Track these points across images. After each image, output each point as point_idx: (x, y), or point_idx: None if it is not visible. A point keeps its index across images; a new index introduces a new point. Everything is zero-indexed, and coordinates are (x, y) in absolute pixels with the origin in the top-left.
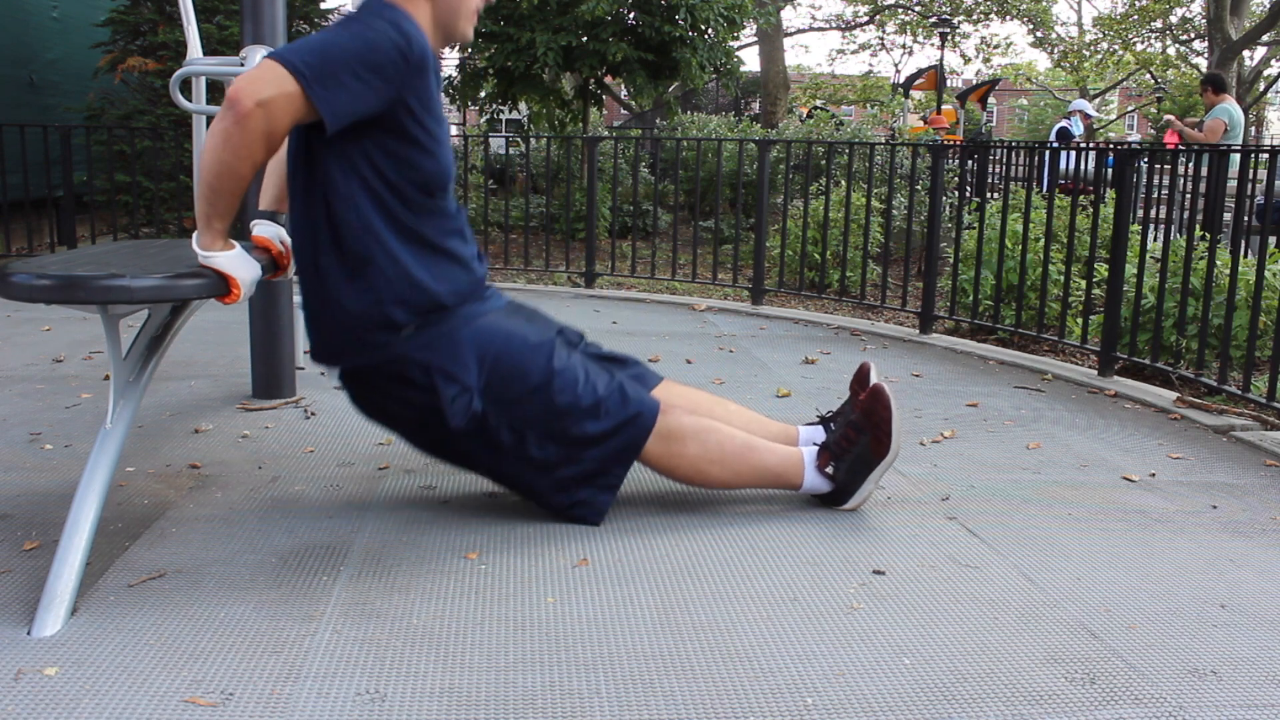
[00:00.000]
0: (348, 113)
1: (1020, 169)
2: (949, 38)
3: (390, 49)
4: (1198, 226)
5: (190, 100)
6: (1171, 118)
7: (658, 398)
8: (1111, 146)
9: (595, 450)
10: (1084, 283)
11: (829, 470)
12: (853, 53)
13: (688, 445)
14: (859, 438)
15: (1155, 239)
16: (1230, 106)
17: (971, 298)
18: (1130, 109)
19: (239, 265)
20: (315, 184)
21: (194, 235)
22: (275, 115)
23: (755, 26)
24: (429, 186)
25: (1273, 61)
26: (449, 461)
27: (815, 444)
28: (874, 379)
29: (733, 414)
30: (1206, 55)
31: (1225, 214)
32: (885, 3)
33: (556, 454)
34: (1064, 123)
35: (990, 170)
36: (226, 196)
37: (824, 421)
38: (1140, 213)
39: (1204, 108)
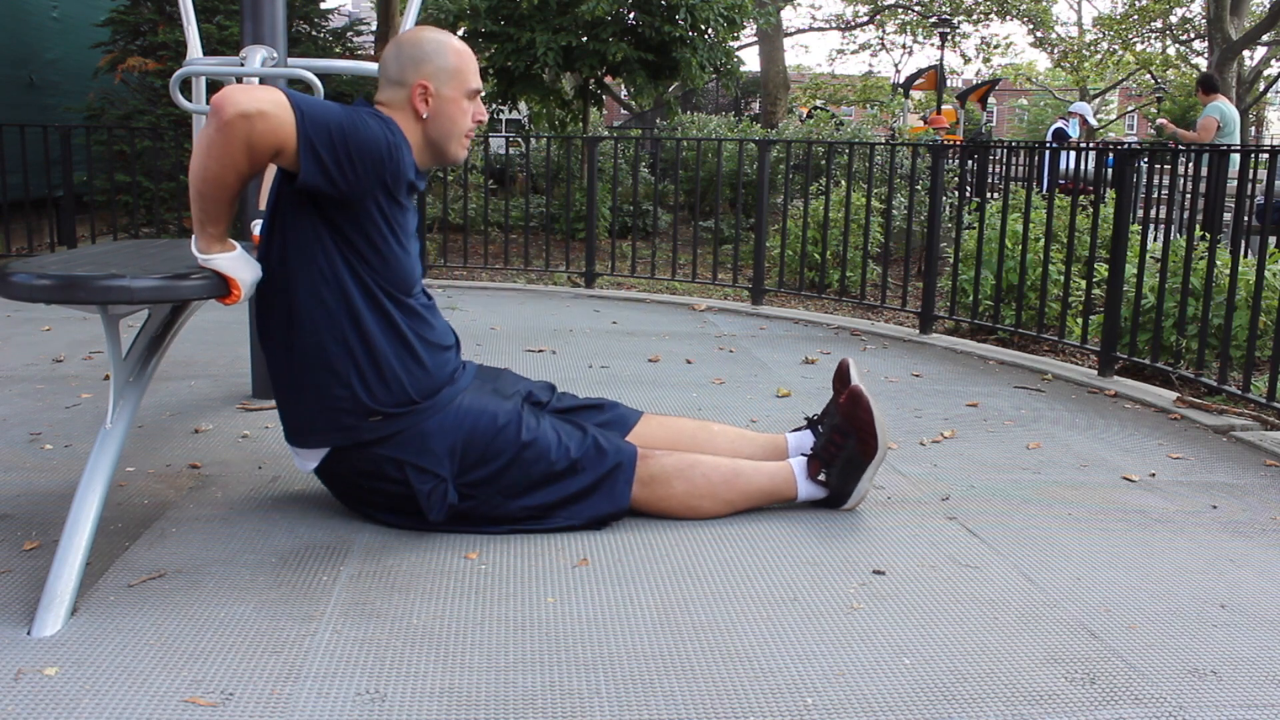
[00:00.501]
0: (320, 172)
1: (1020, 169)
2: (949, 38)
3: (381, 141)
4: (1198, 226)
5: (190, 100)
6: (1164, 121)
7: (636, 440)
8: (1111, 147)
9: (580, 506)
10: (1084, 283)
11: (821, 478)
12: (853, 53)
13: (673, 485)
14: (845, 441)
15: (1155, 239)
16: (1222, 105)
17: (971, 298)
18: (1130, 109)
19: (239, 266)
20: (292, 264)
21: (192, 238)
22: (259, 132)
23: (755, 26)
24: (397, 287)
25: (1273, 61)
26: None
27: (804, 454)
28: (854, 378)
29: (716, 436)
30: (1206, 55)
31: (1225, 214)
32: (885, 3)
33: (548, 512)
34: (1061, 123)
35: (990, 170)
36: (215, 203)
37: (811, 425)
38: (1140, 213)
39: (1201, 108)
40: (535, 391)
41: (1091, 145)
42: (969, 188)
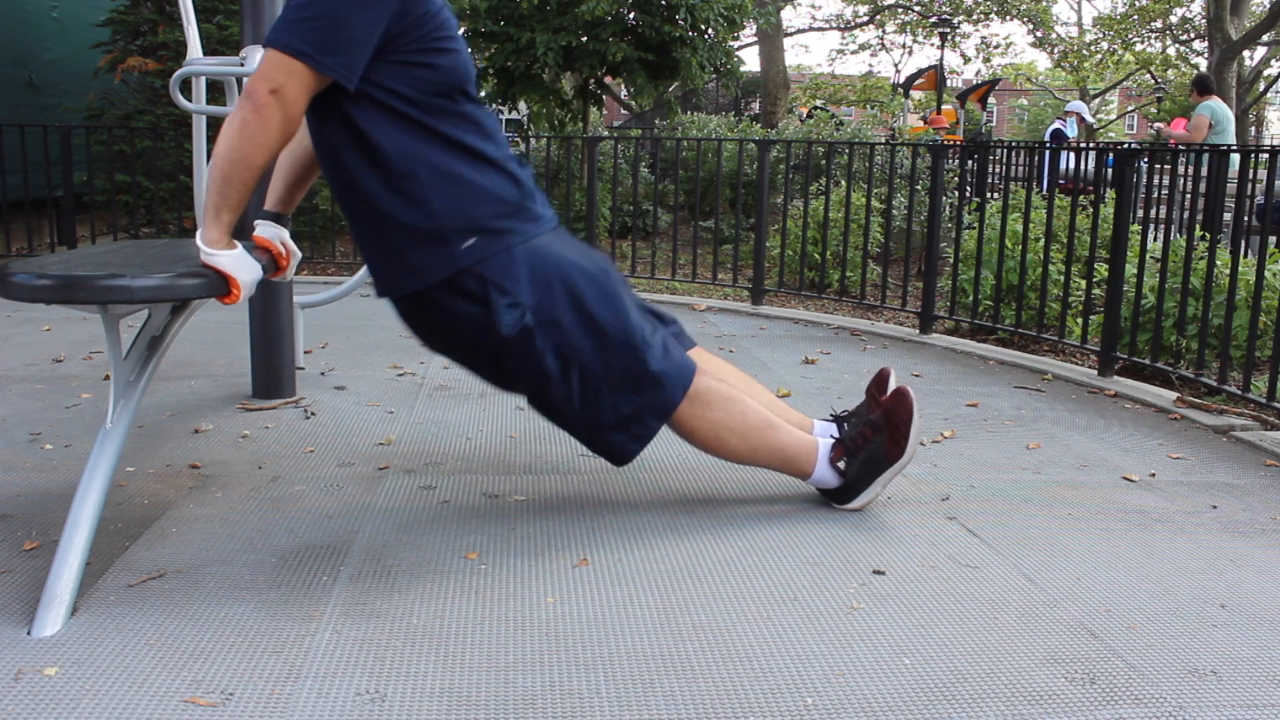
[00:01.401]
0: (360, 64)
1: (1020, 169)
2: (949, 38)
3: None
4: (1198, 226)
5: (190, 100)
6: (1160, 126)
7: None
8: (1111, 146)
9: (635, 397)
10: (1084, 283)
11: (840, 465)
12: (853, 53)
13: (713, 409)
14: (875, 437)
15: (1155, 239)
16: (1213, 104)
17: (971, 298)
18: (1130, 109)
19: (240, 266)
20: (344, 124)
21: (198, 231)
22: (290, 101)
23: (755, 26)
24: (449, 90)
25: (1273, 61)
26: (492, 382)
27: (834, 435)
28: (894, 383)
29: (758, 393)
30: (1206, 55)
31: (1225, 214)
32: (885, 3)
33: (597, 393)
34: (1059, 124)
35: (990, 170)
36: (239, 187)
37: (838, 420)
38: (1140, 213)
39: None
40: (614, 271)
41: (1092, 145)
42: (969, 188)
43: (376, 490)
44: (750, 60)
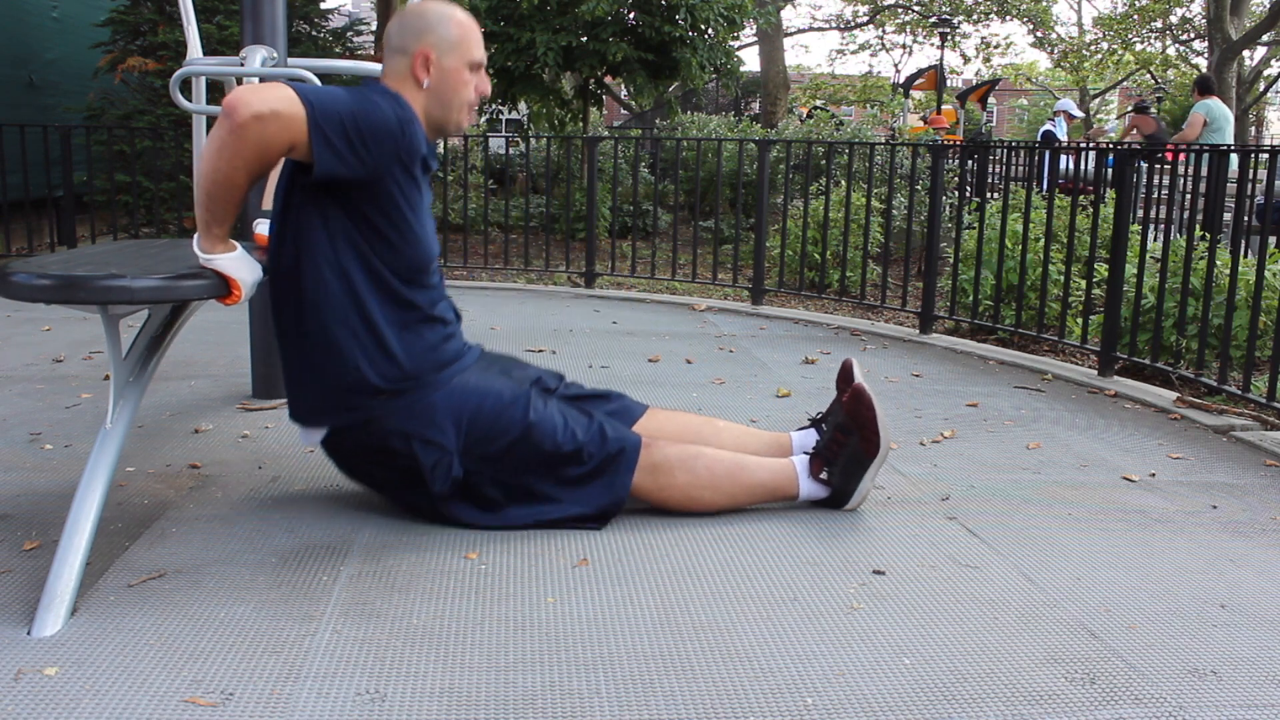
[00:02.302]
0: (337, 160)
1: (1020, 169)
2: (949, 38)
3: (392, 119)
4: (1198, 226)
5: (190, 100)
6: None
7: (641, 431)
8: (1112, 147)
9: (583, 491)
10: (1084, 283)
11: (823, 476)
12: (853, 53)
13: (676, 475)
14: (848, 439)
15: (1155, 239)
16: (1211, 102)
17: (971, 298)
18: (1130, 109)
19: (240, 267)
20: (305, 252)
21: (194, 238)
22: (271, 132)
23: (755, 26)
24: (408, 270)
25: (1273, 61)
26: (439, 522)
27: (807, 452)
28: (857, 377)
29: (721, 431)
30: (1206, 55)
31: (1225, 214)
32: (885, 3)
33: (550, 500)
34: (1049, 125)
35: (990, 170)
36: (223, 204)
37: (815, 424)
38: (1140, 213)
39: None
40: (544, 378)
41: (1092, 145)
42: (969, 188)
43: None
44: (750, 60)
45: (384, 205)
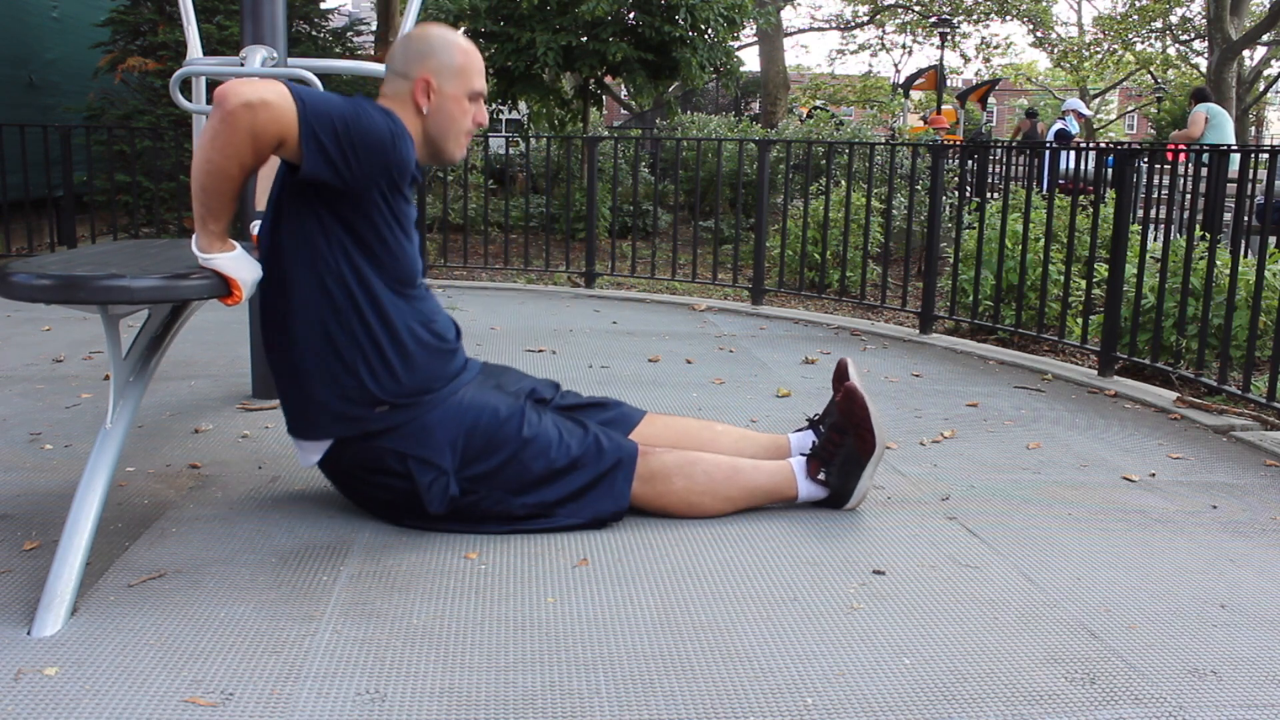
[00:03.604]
0: (325, 162)
1: (1020, 169)
2: (949, 38)
3: (384, 131)
4: (1198, 226)
5: (190, 100)
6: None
7: (639, 438)
8: (1112, 146)
9: (580, 503)
10: (1084, 283)
11: (821, 477)
12: (852, 53)
13: (673, 482)
14: (843, 439)
15: (1155, 239)
16: (1211, 104)
17: (971, 298)
18: (1130, 109)
19: (240, 266)
20: (295, 258)
21: (193, 238)
22: (262, 121)
23: (755, 26)
24: (395, 283)
25: (1273, 61)
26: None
27: (804, 454)
28: (851, 377)
29: (719, 436)
30: (1206, 55)
31: (1225, 214)
32: (885, 3)
33: (549, 513)
34: (1060, 124)
35: (990, 170)
36: (218, 197)
37: (813, 425)
38: (1140, 213)
39: None
40: (539, 389)
41: (1091, 145)
42: (969, 188)
43: None
44: (750, 60)
45: (369, 216)
